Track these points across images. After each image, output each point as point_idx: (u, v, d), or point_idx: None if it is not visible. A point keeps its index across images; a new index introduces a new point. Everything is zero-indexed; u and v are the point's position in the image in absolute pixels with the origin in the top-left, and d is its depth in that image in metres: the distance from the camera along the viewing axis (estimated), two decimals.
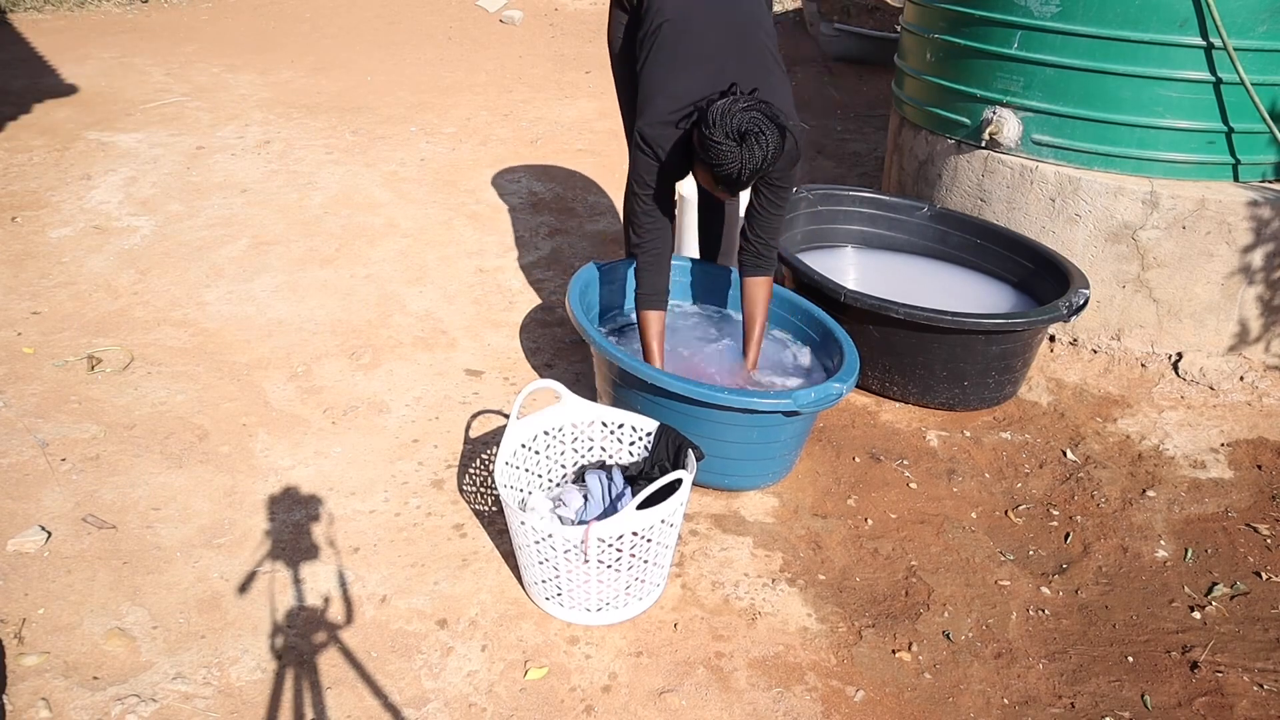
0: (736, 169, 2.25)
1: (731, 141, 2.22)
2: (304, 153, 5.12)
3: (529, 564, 2.12)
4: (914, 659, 2.13)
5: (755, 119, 2.22)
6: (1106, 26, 3.01)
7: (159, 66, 6.76)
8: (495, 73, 7.11)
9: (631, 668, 2.05)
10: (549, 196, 4.71)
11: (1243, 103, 3.00)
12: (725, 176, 2.30)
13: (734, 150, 2.23)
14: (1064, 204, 3.26)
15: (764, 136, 2.22)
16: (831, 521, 2.56)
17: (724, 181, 2.33)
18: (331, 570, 2.28)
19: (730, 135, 2.22)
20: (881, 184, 4.41)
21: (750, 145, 2.22)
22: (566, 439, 2.45)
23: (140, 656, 2.01)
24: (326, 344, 3.28)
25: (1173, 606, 2.32)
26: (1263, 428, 3.02)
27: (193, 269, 3.76)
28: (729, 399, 2.34)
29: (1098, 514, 2.64)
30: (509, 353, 3.30)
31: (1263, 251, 3.11)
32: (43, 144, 5.02)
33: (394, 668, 2.02)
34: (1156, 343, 3.28)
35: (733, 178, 2.29)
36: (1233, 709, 2.01)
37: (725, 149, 2.23)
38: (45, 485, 2.51)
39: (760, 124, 2.22)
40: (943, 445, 2.91)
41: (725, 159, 2.24)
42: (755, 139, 2.21)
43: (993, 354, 2.91)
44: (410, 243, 4.10)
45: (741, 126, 2.21)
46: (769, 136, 2.23)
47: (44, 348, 3.16)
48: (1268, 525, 2.61)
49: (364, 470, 2.65)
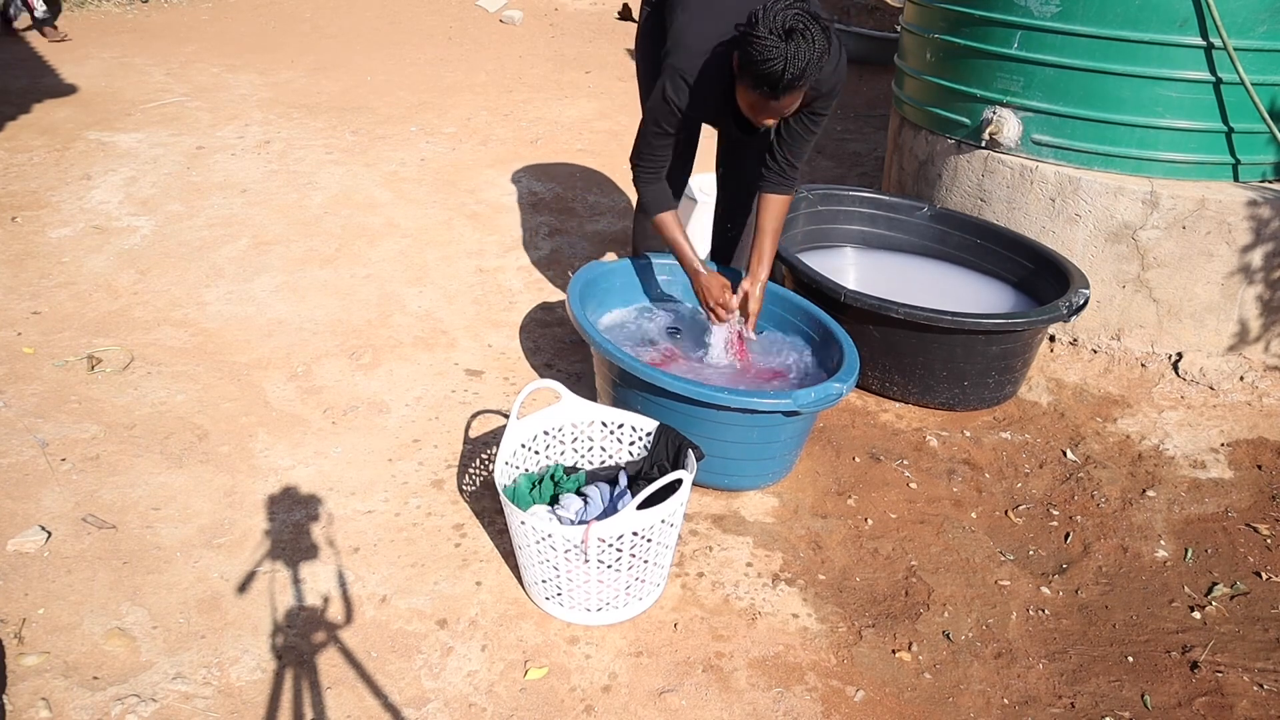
0: (781, 65, 2.22)
1: (776, 37, 2.21)
2: (304, 153, 5.12)
3: (529, 564, 2.12)
4: (914, 659, 2.13)
5: (800, 17, 2.22)
6: (1106, 26, 3.01)
7: (159, 66, 6.76)
8: (495, 73, 7.11)
9: (631, 668, 2.05)
10: (549, 196, 4.71)
11: (1243, 103, 3.00)
12: (769, 75, 2.24)
13: (779, 45, 2.21)
14: (1064, 204, 3.26)
15: (810, 32, 2.21)
16: (831, 521, 2.56)
17: (767, 81, 2.26)
18: (331, 570, 2.28)
19: (775, 31, 2.21)
20: (881, 184, 4.41)
21: (797, 41, 2.21)
22: (566, 439, 2.45)
23: (140, 656, 2.01)
24: (326, 344, 3.28)
25: (1173, 606, 2.32)
26: (1263, 428, 3.02)
27: (193, 269, 3.76)
28: (729, 399, 2.34)
29: (1098, 514, 2.64)
30: (509, 353, 3.30)
31: (1262, 251, 3.11)
32: (43, 144, 5.02)
33: (394, 668, 2.02)
34: (1156, 343, 3.28)
35: (776, 75, 2.23)
36: (1233, 709, 2.01)
37: (770, 44, 2.21)
38: (45, 485, 2.51)
39: (805, 21, 2.22)
40: (943, 445, 2.91)
41: (770, 54, 2.21)
42: (801, 35, 2.21)
43: (993, 354, 2.91)
44: (410, 243, 4.10)
45: (787, 23, 2.21)
46: (814, 34, 2.22)
47: (44, 348, 3.16)
48: (1268, 525, 2.61)
49: (364, 470, 2.65)
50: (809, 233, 3.64)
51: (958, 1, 3.39)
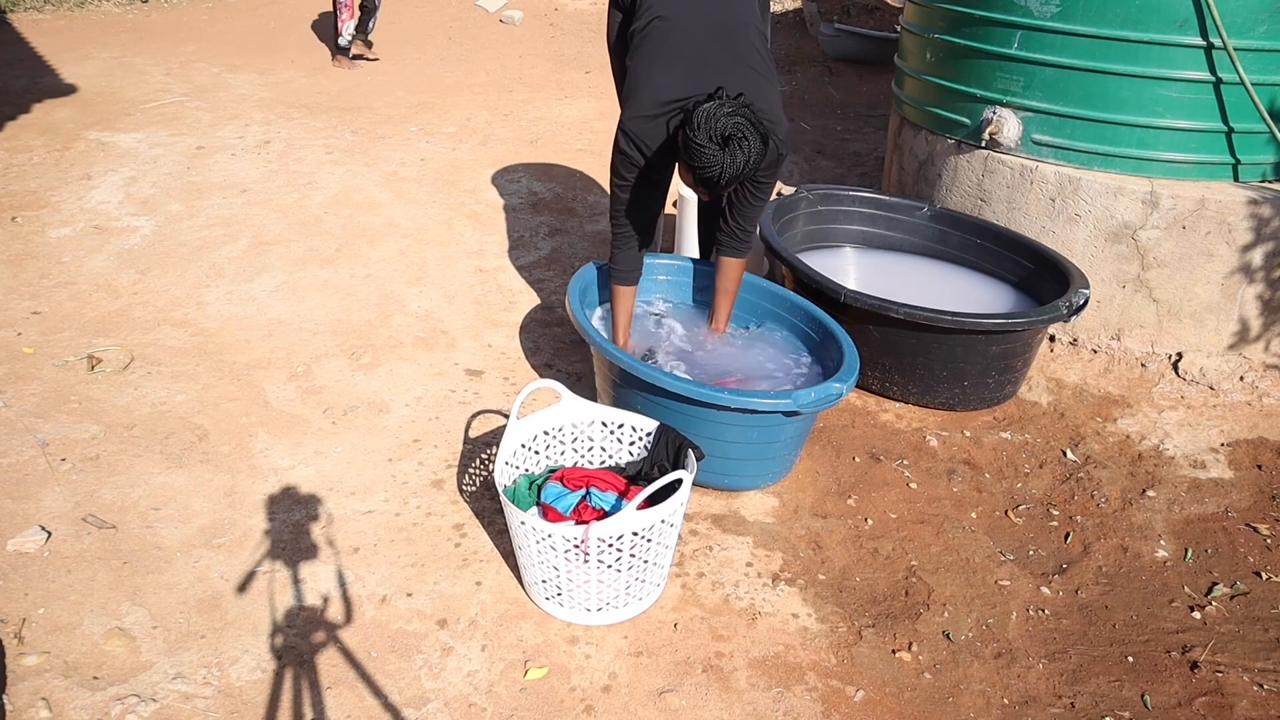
0: (717, 172, 2.28)
1: (714, 145, 2.25)
2: (304, 153, 5.12)
3: (529, 564, 2.12)
4: (914, 659, 2.13)
5: (739, 124, 2.24)
6: (1106, 26, 3.01)
7: (159, 66, 6.76)
8: (495, 73, 7.11)
9: (631, 668, 2.05)
10: (549, 196, 4.71)
11: (1243, 103, 3.00)
12: (706, 179, 2.32)
13: (716, 154, 2.25)
14: (1064, 204, 3.26)
15: (747, 142, 2.25)
16: (831, 521, 2.56)
17: (704, 183, 2.36)
18: (331, 570, 2.28)
19: (713, 139, 2.24)
20: (881, 184, 4.41)
21: (733, 150, 2.24)
22: (566, 439, 2.45)
23: (140, 656, 2.01)
24: (326, 344, 3.28)
25: (1173, 606, 2.32)
26: (1263, 427, 3.02)
27: (193, 269, 3.76)
28: (729, 399, 2.34)
29: (1098, 514, 2.64)
30: (509, 353, 3.30)
31: (1262, 251, 3.11)
32: (43, 144, 5.02)
33: (394, 668, 2.02)
34: (1156, 343, 3.28)
35: (713, 180, 2.31)
36: (1233, 709, 2.01)
37: (708, 152, 2.25)
38: (45, 485, 2.51)
39: (744, 129, 2.25)
40: (943, 445, 2.91)
41: (707, 162, 2.26)
42: (738, 144, 2.24)
43: (993, 354, 2.91)
44: (410, 243, 4.10)
45: (725, 131, 2.23)
46: (751, 142, 2.25)
47: (44, 348, 3.16)
48: (1268, 525, 2.61)
49: (364, 470, 2.64)
50: (809, 233, 3.64)
51: (958, 1, 3.39)
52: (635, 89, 2.54)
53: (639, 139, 2.52)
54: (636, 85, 2.54)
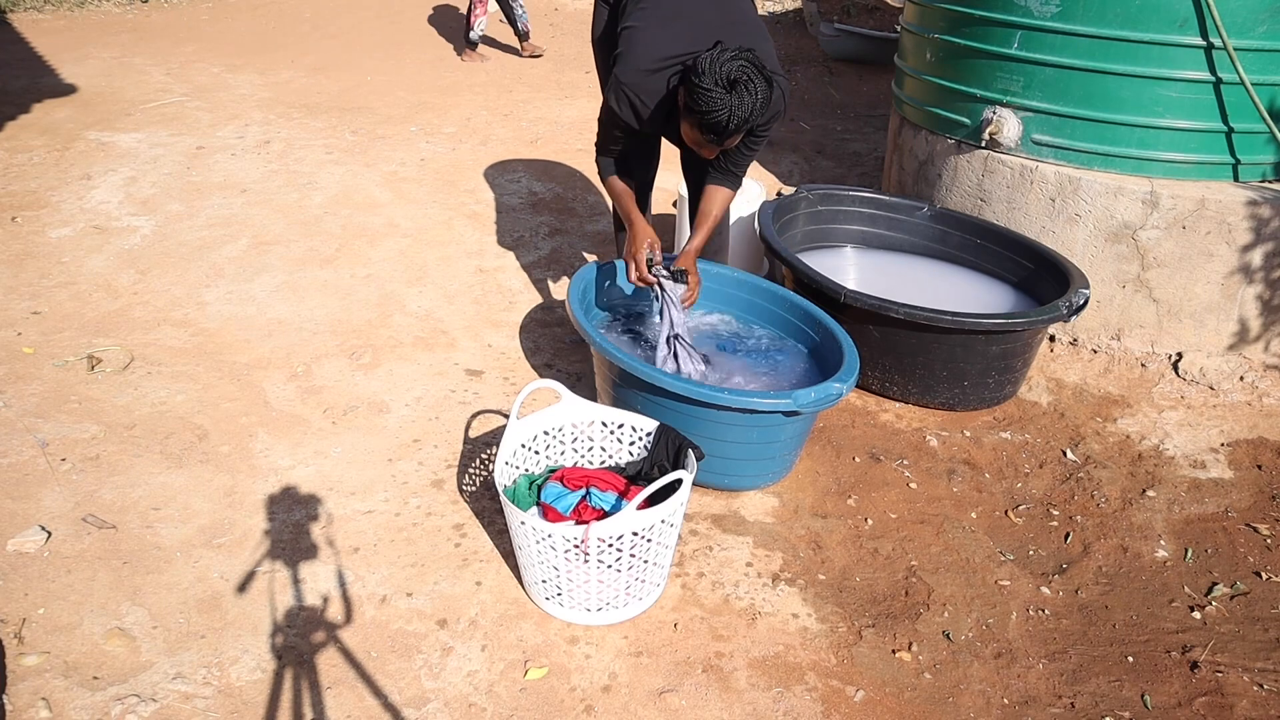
0: (725, 116, 2.28)
1: (721, 89, 2.26)
2: (304, 153, 5.12)
3: (529, 564, 2.12)
4: (914, 659, 2.13)
5: (744, 68, 2.26)
6: (1106, 26, 3.01)
7: (159, 66, 6.76)
8: (495, 72, 7.11)
9: (631, 668, 2.05)
10: (549, 196, 4.71)
11: (1243, 103, 3.00)
12: (713, 124, 2.31)
13: (723, 97, 2.26)
14: (1064, 204, 3.26)
15: (754, 84, 2.26)
16: (831, 521, 2.56)
17: (711, 129, 2.34)
18: (331, 570, 2.28)
19: (720, 82, 2.25)
20: (881, 184, 4.41)
21: (740, 93, 2.26)
22: (566, 439, 2.45)
23: (140, 656, 2.01)
24: (326, 344, 3.28)
25: (1173, 606, 2.32)
26: (1263, 427, 3.02)
27: (193, 269, 3.76)
28: (729, 399, 2.34)
29: (1098, 514, 2.64)
30: (509, 353, 3.30)
31: (1262, 251, 3.11)
32: (43, 144, 5.02)
33: (394, 668, 2.02)
34: (1156, 343, 3.28)
35: (721, 124, 2.30)
36: (1233, 709, 2.01)
37: (715, 95, 2.26)
38: (45, 485, 2.51)
39: (749, 73, 2.26)
40: (943, 445, 2.91)
41: (714, 105, 2.27)
42: (745, 87, 2.26)
43: (993, 354, 2.91)
44: (410, 243, 4.10)
45: (731, 74, 2.25)
46: (758, 85, 2.27)
47: (44, 348, 3.16)
48: (1268, 525, 2.61)
49: (364, 470, 2.65)
50: (809, 233, 3.64)
51: (958, 1, 3.39)
52: (632, 45, 2.52)
53: (635, 93, 2.50)
54: (633, 41, 2.52)
